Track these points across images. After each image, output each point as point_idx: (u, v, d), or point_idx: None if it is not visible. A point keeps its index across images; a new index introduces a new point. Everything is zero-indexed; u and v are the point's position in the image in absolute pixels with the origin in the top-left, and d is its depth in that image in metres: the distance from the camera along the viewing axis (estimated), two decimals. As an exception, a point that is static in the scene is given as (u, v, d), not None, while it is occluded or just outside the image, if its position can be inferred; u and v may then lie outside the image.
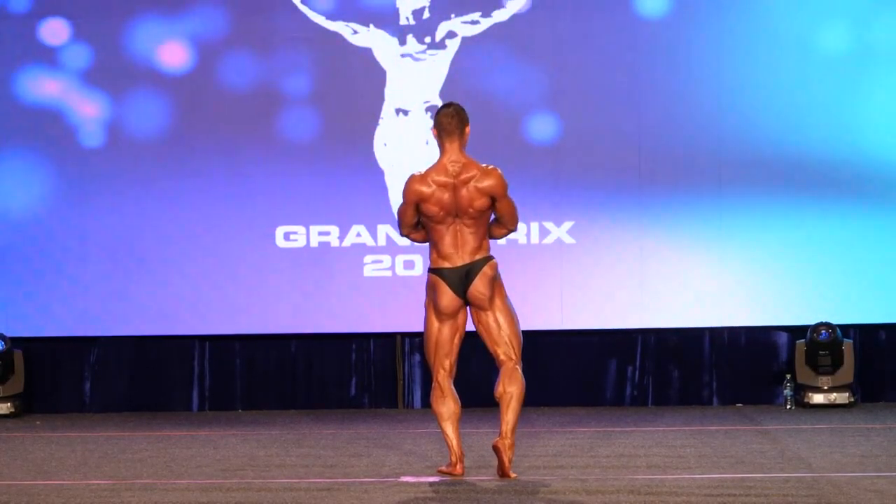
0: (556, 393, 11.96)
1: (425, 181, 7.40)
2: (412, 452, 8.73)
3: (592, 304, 11.78)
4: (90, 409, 12.14)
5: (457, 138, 7.44)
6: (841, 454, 8.34)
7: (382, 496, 6.84)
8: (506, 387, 7.39)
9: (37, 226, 11.89)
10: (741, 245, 11.72)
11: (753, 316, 11.78)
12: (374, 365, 12.13)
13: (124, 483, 7.49)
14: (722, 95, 11.72)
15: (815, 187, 11.68)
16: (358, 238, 11.86)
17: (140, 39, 11.86)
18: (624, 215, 11.75)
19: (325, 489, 7.11)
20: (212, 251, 11.86)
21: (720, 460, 8.14)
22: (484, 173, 7.40)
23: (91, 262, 11.87)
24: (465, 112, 7.49)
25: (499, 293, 7.47)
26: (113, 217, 11.88)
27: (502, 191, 7.42)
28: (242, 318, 11.90)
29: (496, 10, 11.79)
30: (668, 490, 6.86)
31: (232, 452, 8.93)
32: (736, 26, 11.73)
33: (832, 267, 11.68)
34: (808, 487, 6.91)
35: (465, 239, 7.42)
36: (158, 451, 9.04)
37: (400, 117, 11.80)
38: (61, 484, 7.49)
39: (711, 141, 11.73)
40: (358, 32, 11.83)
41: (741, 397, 11.97)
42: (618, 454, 8.52)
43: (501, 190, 7.41)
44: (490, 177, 7.40)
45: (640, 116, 11.75)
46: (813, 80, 11.69)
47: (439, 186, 7.38)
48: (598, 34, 11.76)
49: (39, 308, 11.89)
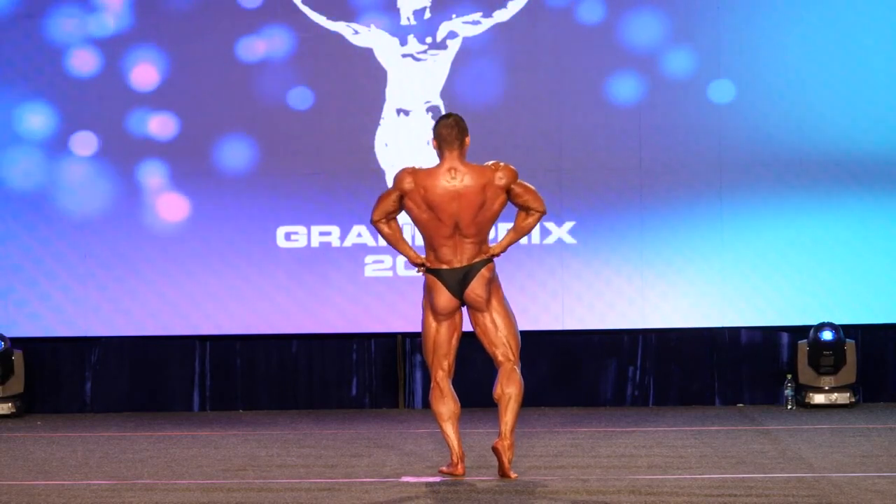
0: (557, 393, 11.96)
1: (417, 176, 7.39)
2: (413, 453, 8.73)
3: (593, 305, 11.78)
4: (91, 410, 12.15)
5: (456, 148, 7.42)
6: (842, 454, 8.33)
7: (383, 496, 6.84)
8: (504, 388, 7.39)
9: (38, 225, 11.89)
10: (742, 245, 11.72)
11: (754, 316, 11.78)
12: (374, 365, 12.13)
13: (125, 483, 7.49)
14: (723, 96, 11.72)
15: (816, 188, 11.69)
16: (359, 238, 11.87)
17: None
18: (625, 216, 11.75)
19: (326, 489, 7.11)
20: (213, 251, 11.86)
21: (721, 460, 8.14)
22: (493, 171, 7.39)
23: (92, 262, 11.87)
24: (465, 122, 7.47)
25: (496, 295, 7.46)
26: (113, 217, 11.88)
27: (515, 176, 7.41)
28: (243, 318, 11.90)
29: (497, 11, 11.80)
30: (669, 490, 6.86)
31: (233, 452, 8.93)
32: (736, 27, 11.73)
33: (833, 267, 11.68)
34: (809, 487, 6.90)
35: (464, 248, 7.41)
36: (159, 452, 9.04)
37: (401, 117, 11.80)
38: (62, 484, 7.49)
39: (712, 141, 11.73)
40: (359, 33, 11.83)
41: (742, 397, 11.97)
42: (619, 454, 8.51)
43: (514, 176, 7.41)
44: (499, 170, 7.40)
45: (641, 116, 11.75)
46: (813, 81, 11.69)
47: (439, 194, 7.35)
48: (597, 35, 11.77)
49: (40, 308, 11.89)
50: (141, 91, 11.95)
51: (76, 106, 11.94)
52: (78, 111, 11.95)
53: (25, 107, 11.98)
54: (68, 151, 11.97)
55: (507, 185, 7.39)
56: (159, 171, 11.91)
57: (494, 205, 7.38)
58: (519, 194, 7.41)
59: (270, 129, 11.87)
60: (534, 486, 7.09)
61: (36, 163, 11.97)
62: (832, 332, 11.48)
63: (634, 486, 7.00)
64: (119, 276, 11.87)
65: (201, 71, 11.93)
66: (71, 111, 11.96)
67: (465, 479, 7.38)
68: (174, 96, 11.94)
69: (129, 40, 11.92)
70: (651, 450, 8.73)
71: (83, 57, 11.93)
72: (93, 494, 7.07)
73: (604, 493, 6.78)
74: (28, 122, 11.99)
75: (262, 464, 8.29)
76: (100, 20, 11.94)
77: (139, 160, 11.93)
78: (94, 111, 11.93)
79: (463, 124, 7.45)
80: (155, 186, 11.91)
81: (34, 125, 11.99)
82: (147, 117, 11.94)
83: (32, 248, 11.89)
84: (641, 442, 9.20)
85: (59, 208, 11.95)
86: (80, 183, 11.93)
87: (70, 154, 11.96)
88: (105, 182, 11.90)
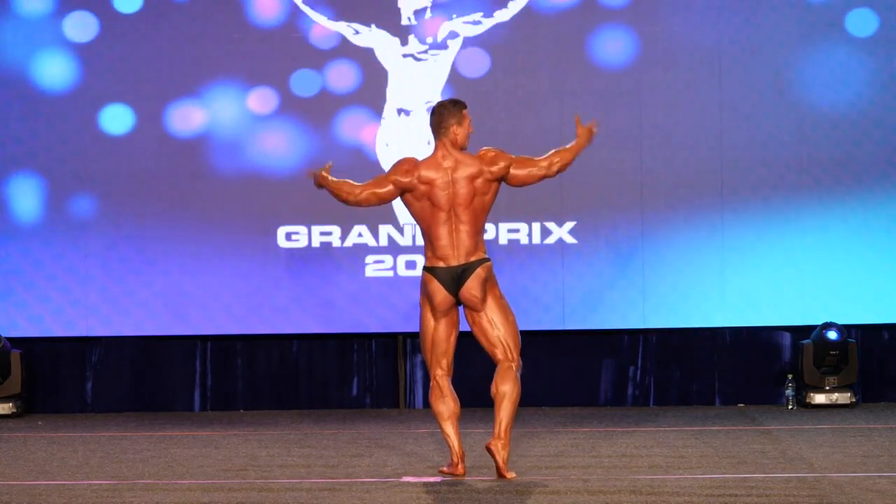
0: (558, 393, 11.96)
1: (414, 167, 7.45)
2: (414, 453, 8.73)
3: (594, 304, 11.77)
4: (92, 410, 12.15)
5: (443, 135, 7.48)
6: (842, 454, 8.34)
7: (384, 496, 6.84)
8: (499, 386, 7.38)
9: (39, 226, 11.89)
10: (743, 245, 11.72)
11: (755, 316, 11.78)
12: (375, 365, 12.13)
13: (126, 483, 7.49)
14: (724, 96, 11.73)
15: (816, 187, 11.69)
16: (359, 238, 11.87)
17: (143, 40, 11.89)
18: (626, 215, 11.75)
19: (327, 489, 7.11)
20: (214, 251, 11.86)
21: (722, 460, 8.14)
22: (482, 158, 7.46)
23: (93, 262, 11.87)
24: (454, 108, 7.49)
25: (492, 294, 7.46)
26: (114, 217, 11.88)
27: (505, 154, 7.47)
28: (244, 318, 11.90)
29: (498, 10, 11.80)
30: (669, 490, 6.86)
31: (233, 452, 8.93)
32: (736, 27, 11.73)
33: (834, 267, 11.68)
34: (809, 487, 6.90)
35: (460, 239, 7.42)
36: (160, 452, 9.04)
37: (402, 117, 11.81)
38: (63, 484, 7.49)
39: (713, 141, 11.73)
40: (360, 33, 11.83)
41: (743, 397, 11.97)
42: (619, 454, 8.51)
43: (504, 154, 7.47)
44: (491, 155, 7.46)
45: (642, 116, 11.75)
46: (813, 81, 11.69)
47: (436, 183, 7.39)
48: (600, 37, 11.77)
49: (41, 308, 11.89)
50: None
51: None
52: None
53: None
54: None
55: (503, 162, 7.44)
56: (156, 170, 11.89)
57: (487, 194, 7.45)
58: (522, 165, 7.49)
59: (271, 129, 11.85)
60: (534, 486, 7.09)
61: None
62: (837, 332, 11.47)
63: (635, 486, 7.00)
64: (120, 276, 11.87)
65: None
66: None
67: (466, 478, 7.38)
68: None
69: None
70: (652, 450, 8.73)
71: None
72: (94, 494, 7.07)
73: (604, 493, 6.78)
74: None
75: (263, 464, 8.30)
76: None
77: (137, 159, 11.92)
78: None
79: (445, 111, 7.48)
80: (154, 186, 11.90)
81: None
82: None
83: (33, 249, 11.87)
84: (642, 442, 9.20)
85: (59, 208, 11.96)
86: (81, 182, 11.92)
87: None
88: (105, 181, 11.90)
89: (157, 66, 11.88)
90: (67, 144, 11.88)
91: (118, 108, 11.89)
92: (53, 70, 11.92)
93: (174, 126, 11.91)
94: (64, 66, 11.92)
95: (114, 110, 11.90)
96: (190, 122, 11.91)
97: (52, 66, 11.91)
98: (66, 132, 11.89)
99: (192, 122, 11.91)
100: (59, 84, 11.92)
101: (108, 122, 11.92)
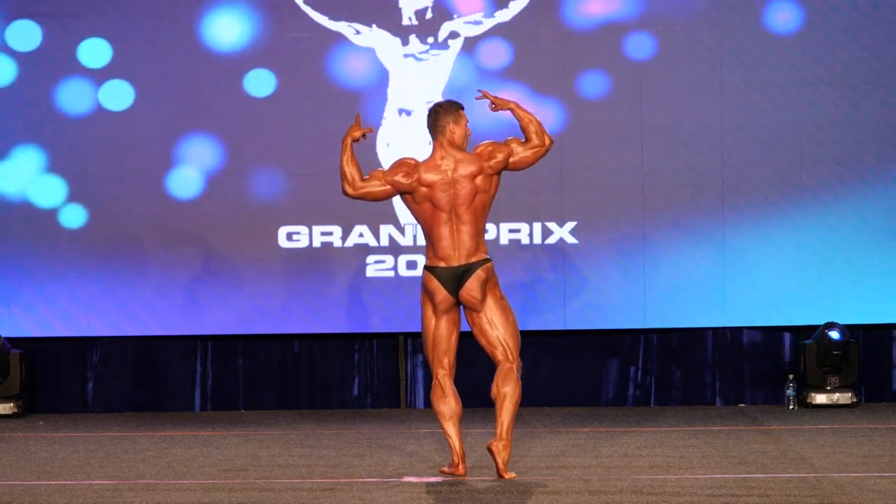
0: (559, 393, 11.96)
1: (412, 169, 7.46)
2: (415, 453, 8.73)
3: (595, 305, 11.77)
4: (92, 410, 12.14)
5: (439, 136, 7.51)
6: (843, 454, 8.33)
7: (385, 496, 6.84)
8: (500, 387, 7.38)
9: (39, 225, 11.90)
10: (743, 245, 11.71)
11: (756, 316, 11.78)
12: (376, 365, 12.13)
13: (127, 483, 7.49)
14: (724, 96, 11.72)
15: (818, 187, 11.68)
16: (360, 238, 11.87)
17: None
18: (627, 215, 11.75)
19: (328, 489, 7.11)
20: (214, 251, 11.86)
21: (723, 460, 8.14)
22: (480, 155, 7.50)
23: (94, 262, 11.87)
24: (451, 107, 7.53)
25: (492, 294, 7.46)
26: (115, 217, 11.88)
27: (500, 144, 7.53)
28: (245, 318, 11.90)
29: (499, 11, 11.80)
30: (670, 490, 6.86)
31: (234, 452, 8.93)
32: (737, 28, 11.73)
33: (834, 267, 11.67)
34: (810, 488, 6.90)
35: (461, 240, 7.42)
36: (161, 451, 9.04)
37: (402, 117, 11.81)
38: (64, 484, 7.50)
39: (714, 140, 11.72)
40: (360, 33, 11.83)
41: (744, 397, 11.97)
42: (620, 454, 8.51)
43: (499, 144, 7.53)
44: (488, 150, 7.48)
45: (643, 115, 11.75)
46: (813, 81, 11.68)
47: (436, 185, 7.40)
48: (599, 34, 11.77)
49: (41, 308, 11.89)
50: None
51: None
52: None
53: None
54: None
55: (504, 160, 7.47)
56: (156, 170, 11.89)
57: (490, 190, 7.47)
58: (519, 140, 7.55)
59: (272, 129, 11.86)
60: (535, 486, 7.09)
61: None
62: (839, 332, 11.47)
63: (636, 486, 7.00)
64: (121, 276, 11.86)
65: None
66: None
67: (467, 479, 7.38)
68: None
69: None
70: (653, 450, 8.73)
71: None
72: (94, 494, 7.07)
73: (605, 494, 6.78)
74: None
75: (264, 464, 8.30)
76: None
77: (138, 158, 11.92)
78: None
79: (442, 111, 7.53)
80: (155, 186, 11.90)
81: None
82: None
83: (33, 249, 11.87)
84: (643, 442, 9.20)
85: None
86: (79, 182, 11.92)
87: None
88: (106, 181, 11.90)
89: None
90: (67, 140, 11.89)
91: (117, 82, 11.87)
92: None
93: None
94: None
95: (113, 84, 11.87)
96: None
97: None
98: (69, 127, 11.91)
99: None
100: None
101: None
